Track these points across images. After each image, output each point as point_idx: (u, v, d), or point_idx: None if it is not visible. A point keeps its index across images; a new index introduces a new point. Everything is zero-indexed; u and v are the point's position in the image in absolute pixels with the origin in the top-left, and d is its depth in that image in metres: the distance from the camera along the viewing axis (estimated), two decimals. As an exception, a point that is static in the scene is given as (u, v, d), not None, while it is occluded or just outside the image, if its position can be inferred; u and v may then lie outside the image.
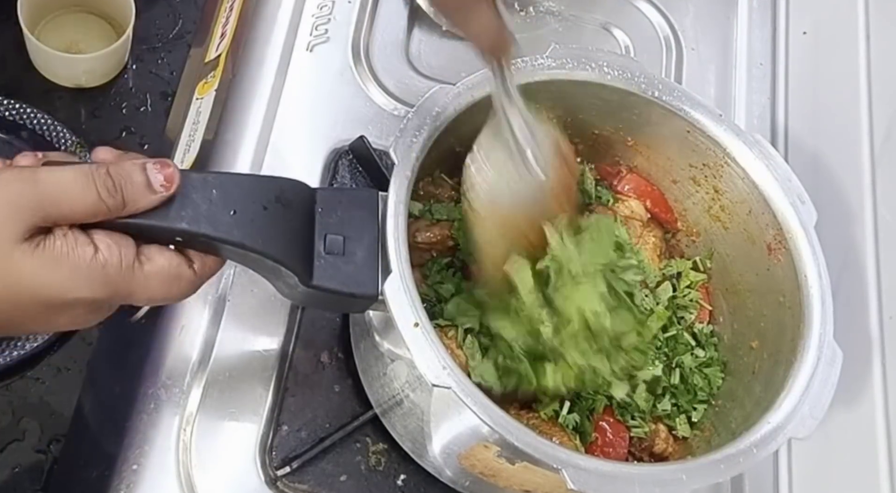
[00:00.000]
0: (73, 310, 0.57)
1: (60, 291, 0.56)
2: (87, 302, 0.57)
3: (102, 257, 0.57)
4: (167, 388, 0.78)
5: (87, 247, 0.56)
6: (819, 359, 0.70)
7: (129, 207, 0.58)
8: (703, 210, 0.83)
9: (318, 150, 0.90)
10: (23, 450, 0.91)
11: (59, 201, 0.56)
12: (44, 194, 0.55)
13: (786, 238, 0.75)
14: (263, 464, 0.76)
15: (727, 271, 0.82)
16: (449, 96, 0.73)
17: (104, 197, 0.57)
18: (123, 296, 0.59)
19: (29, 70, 1.06)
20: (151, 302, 0.61)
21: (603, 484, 0.63)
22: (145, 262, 0.59)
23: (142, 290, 0.59)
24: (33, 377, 0.94)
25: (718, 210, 0.81)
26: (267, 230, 0.61)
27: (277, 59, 0.93)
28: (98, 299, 0.57)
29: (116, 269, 0.57)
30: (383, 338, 0.72)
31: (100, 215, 0.57)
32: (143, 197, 0.58)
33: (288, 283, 0.65)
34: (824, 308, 0.72)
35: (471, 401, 0.62)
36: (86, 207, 0.56)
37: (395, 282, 0.64)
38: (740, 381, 0.78)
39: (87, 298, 0.57)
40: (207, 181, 0.60)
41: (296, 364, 0.80)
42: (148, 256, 0.59)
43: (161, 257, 0.59)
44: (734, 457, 0.66)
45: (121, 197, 0.57)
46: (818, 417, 0.68)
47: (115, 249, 0.57)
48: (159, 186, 0.58)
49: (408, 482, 0.79)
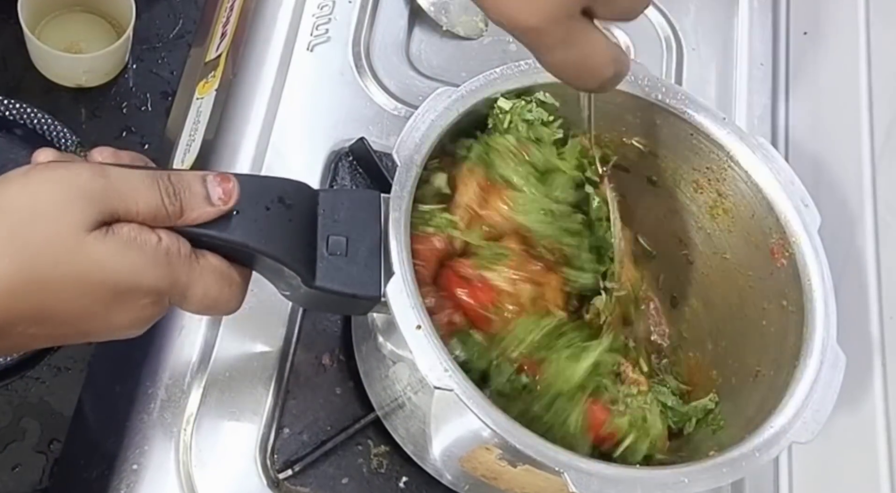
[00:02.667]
0: (136, 301, 0.58)
1: (129, 275, 0.56)
2: (150, 291, 0.58)
3: (166, 244, 0.58)
4: (167, 388, 0.78)
5: (151, 235, 0.58)
6: (822, 363, 0.70)
7: (185, 215, 0.59)
8: (706, 214, 0.83)
9: (319, 150, 0.90)
10: (23, 450, 0.92)
11: (127, 197, 0.57)
12: (113, 188, 0.56)
13: (789, 242, 0.75)
14: (265, 466, 0.76)
15: (730, 275, 0.82)
16: (452, 98, 0.73)
17: (165, 202, 0.58)
18: (183, 286, 0.59)
19: (29, 70, 1.06)
20: (204, 301, 0.61)
21: (605, 487, 0.62)
22: (200, 257, 0.60)
23: (199, 282, 0.60)
24: (33, 377, 0.94)
25: (721, 213, 0.81)
26: (270, 230, 0.61)
27: (278, 59, 0.93)
28: (161, 287, 0.58)
29: (177, 257, 0.58)
30: (386, 340, 0.72)
31: (159, 219, 0.58)
32: (199, 207, 0.59)
33: (290, 284, 0.65)
34: (827, 312, 0.72)
35: (472, 403, 0.62)
36: (149, 207, 0.57)
37: (397, 284, 0.64)
38: (742, 385, 0.78)
39: (151, 284, 0.58)
40: None
41: (297, 366, 0.80)
42: (201, 253, 0.61)
43: (213, 257, 0.61)
44: (736, 461, 0.66)
45: (179, 204, 0.58)
46: (821, 421, 0.68)
47: (175, 239, 0.59)
48: (217, 199, 0.59)
49: (410, 484, 0.79)
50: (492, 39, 1.02)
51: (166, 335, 0.80)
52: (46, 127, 1.00)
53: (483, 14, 1.01)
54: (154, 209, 0.58)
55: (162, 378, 0.78)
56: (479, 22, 1.02)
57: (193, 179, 0.59)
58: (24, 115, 1.00)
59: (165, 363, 0.79)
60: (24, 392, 0.94)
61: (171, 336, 0.80)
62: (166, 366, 0.79)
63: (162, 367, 0.79)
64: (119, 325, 0.59)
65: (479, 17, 1.02)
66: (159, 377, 0.78)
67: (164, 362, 0.79)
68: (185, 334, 0.80)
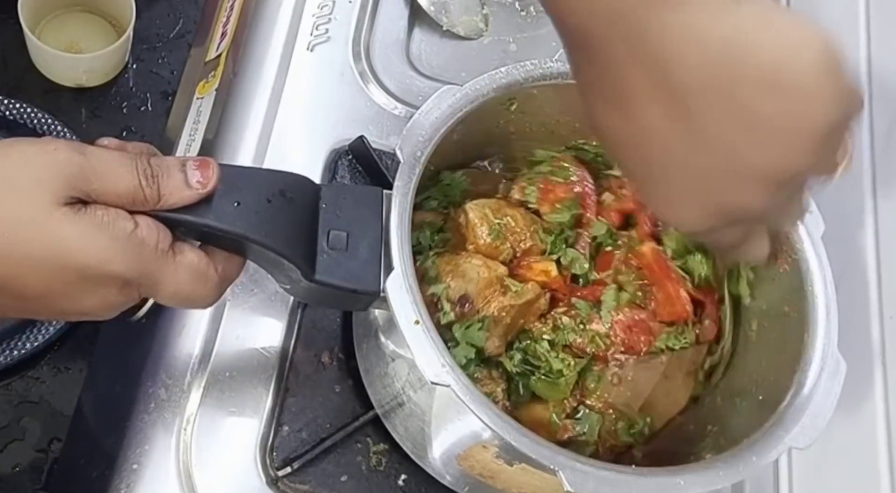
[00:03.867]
0: (104, 287, 0.58)
1: (97, 259, 0.56)
2: (119, 279, 0.57)
3: (141, 234, 0.57)
4: (167, 387, 0.78)
5: (127, 222, 0.57)
6: (822, 369, 0.70)
7: (163, 199, 0.58)
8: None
9: (319, 149, 0.90)
10: (23, 449, 0.91)
11: (103, 177, 0.56)
12: (90, 165, 0.56)
13: (793, 248, 0.74)
14: (264, 464, 0.76)
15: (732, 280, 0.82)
16: (456, 97, 0.73)
17: (143, 185, 0.57)
18: (153, 280, 0.59)
19: (29, 69, 1.06)
20: (175, 297, 0.61)
21: (601, 487, 0.62)
22: (178, 252, 0.60)
23: (171, 278, 0.59)
24: (34, 377, 0.94)
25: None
26: (270, 222, 0.62)
27: (278, 59, 0.93)
28: (129, 277, 0.58)
29: (152, 250, 0.58)
30: (388, 337, 0.72)
31: (137, 203, 0.58)
32: (177, 191, 0.59)
33: (290, 277, 0.65)
34: (829, 319, 0.72)
35: (469, 399, 0.62)
36: (126, 188, 0.57)
37: (397, 279, 0.64)
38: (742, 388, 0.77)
39: (120, 272, 0.57)
40: None
41: (296, 364, 0.80)
42: (180, 248, 0.60)
43: (192, 253, 0.61)
44: (733, 464, 0.66)
45: (157, 187, 0.58)
46: (819, 427, 0.68)
47: (154, 230, 0.58)
48: (195, 182, 0.59)
49: (409, 482, 0.79)
50: (492, 39, 1.02)
51: (166, 335, 0.80)
52: (47, 127, 1.00)
53: (483, 14, 1.02)
54: (132, 191, 0.57)
55: (162, 378, 0.78)
56: (479, 22, 1.02)
57: (173, 164, 0.59)
58: (24, 115, 1.00)
59: (165, 363, 0.79)
60: (24, 392, 0.93)
61: (171, 336, 0.80)
62: (166, 366, 0.79)
63: (162, 367, 0.79)
64: (87, 308, 0.59)
65: (479, 17, 1.02)
66: (159, 377, 0.78)
67: (164, 362, 0.79)
68: (185, 333, 0.80)
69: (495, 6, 1.04)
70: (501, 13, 1.04)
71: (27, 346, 0.91)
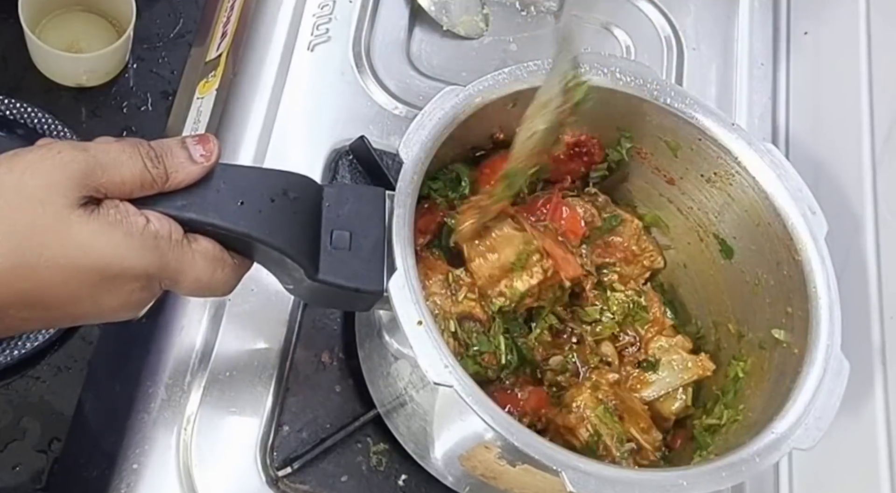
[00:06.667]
0: (124, 285, 0.58)
1: (115, 258, 0.57)
2: (139, 275, 0.58)
3: (154, 227, 0.58)
4: (167, 387, 0.78)
5: (139, 217, 0.58)
6: (825, 370, 0.69)
7: (171, 178, 0.59)
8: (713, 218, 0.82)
9: (319, 149, 0.90)
10: (23, 449, 0.92)
11: (109, 168, 0.57)
12: (94, 161, 0.57)
13: (796, 249, 0.75)
14: (264, 464, 0.76)
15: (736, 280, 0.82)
16: (459, 97, 0.73)
17: (149, 167, 0.58)
18: (174, 270, 0.60)
19: (30, 69, 1.06)
20: (196, 285, 0.61)
21: (603, 488, 0.62)
22: (192, 241, 0.60)
23: (190, 266, 0.60)
24: (34, 376, 0.94)
25: (728, 218, 0.81)
26: (274, 222, 0.62)
27: (278, 59, 0.93)
28: (150, 272, 0.58)
29: (167, 241, 0.59)
30: (391, 337, 0.72)
31: (146, 187, 0.58)
32: (183, 168, 0.60)
33: (293, 276, 0.65)
34: (832, 320, 0.72)
35: (472, 400, 0.62)
36: (133, 175, 0.58)
37: (399, 279, 0.64)
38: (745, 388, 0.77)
39: (139, 268, 0.58)
40: (215, 172, 0.61)
41: (296, 364, 0.80)
42: (193, 237, 0.61)
43: (205, 240, 0.61)
44: (736, 465, 0.66)
45: (163, 167, 0.59)
46: (823, 428, 0.68)
47: (166, 222, 0.59)
48: (199, 156, 0.60)
49: (409, 482, 0.78)
50: (492, 39, 1.02)
51: (166, 335, 0.80)
52: (47, 126, 1.00)
53: (483, 14, 1.02)
54: (139, 176, 0.58)
55: (162, 378, 0.78)
56: (479, 22, 1.02)
57: (173, 143, 0.60)
58: (24, 114, 1.00)
59: (165, 363, 0.79)
60: (24, 392, 0.94)
61: (171, 336, 0.80)
62: (166, 366, 0.79)
63: (162, 367, 0.79)
64: (110, 309, 0.59)
65: (480, 16, 1.02)
66: (159, 377, 0.78)
67: (164, 362, 0.79)
68: (185, 333, 0.80)
69: (496, 6, 1.04)
70: (502, 13, 1.04)
71: (27, 346, 0.91)
